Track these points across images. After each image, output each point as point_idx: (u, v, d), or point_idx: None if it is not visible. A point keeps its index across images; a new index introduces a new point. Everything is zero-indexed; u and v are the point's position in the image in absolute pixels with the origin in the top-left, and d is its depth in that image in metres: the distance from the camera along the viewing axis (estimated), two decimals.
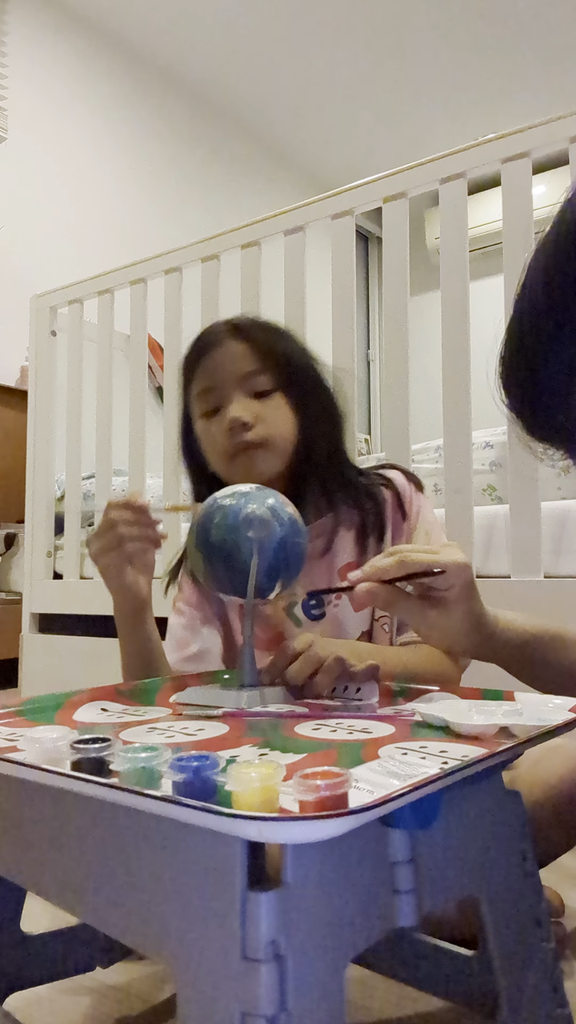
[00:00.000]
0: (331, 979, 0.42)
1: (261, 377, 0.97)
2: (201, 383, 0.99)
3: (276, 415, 0.97)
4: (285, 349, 1.01)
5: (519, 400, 0.48)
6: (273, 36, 3.61)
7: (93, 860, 0.49)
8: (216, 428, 0.97)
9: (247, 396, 0.97)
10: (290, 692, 0.74)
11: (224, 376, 0.97)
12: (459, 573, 0.69)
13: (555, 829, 0.83)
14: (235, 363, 0.97)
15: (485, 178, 1.65)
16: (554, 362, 0.45)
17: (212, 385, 0.98)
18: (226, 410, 0.96)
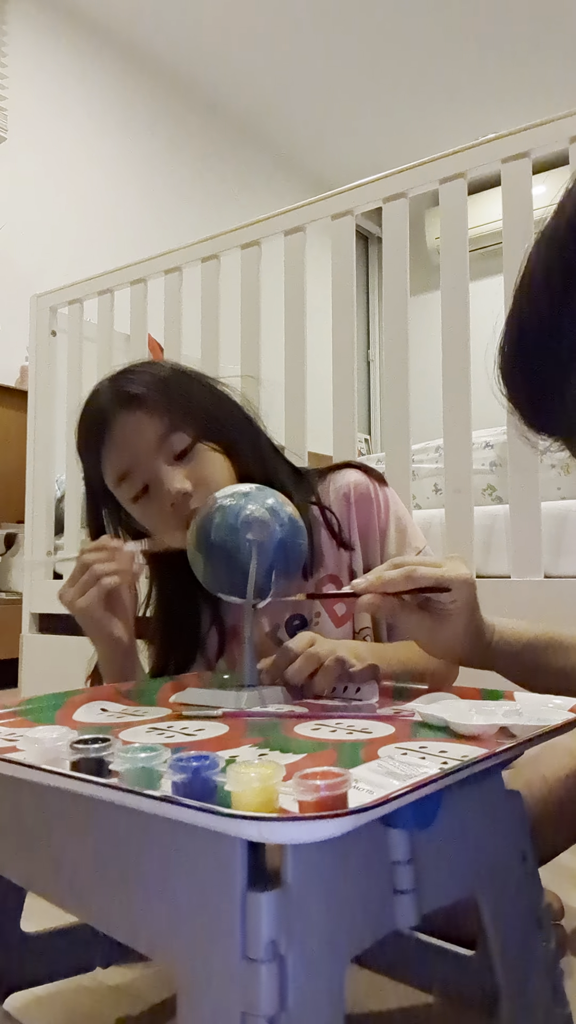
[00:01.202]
0: (331, 979, 0.42)
1: (174, 436, 0.90)
2: (116, 468, 0.91)
3: (208, 467, 0.91)
4: (182, 395, 0.93)
5: (517, 390, 0.48)
6: (273, 36, 3.61)
7: (93, 860, 0.49)
8: (155, 507, 0.90)
9: (170, 462, 0.90)
10: (290, 692, 0.74)
11: (138, 454, 0.89)
12: (464, 589, 0.69)
13: (556, 827, 0.83)
14: (143, 436, 0.89)
15: (485, 178, 1.65)
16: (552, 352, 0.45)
17: (128, 468, 0.90)
18: (159, 486, 0.89)
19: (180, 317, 1.98)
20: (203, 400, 0.95)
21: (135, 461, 0.90)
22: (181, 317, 1.98)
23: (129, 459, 0.91)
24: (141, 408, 0.91)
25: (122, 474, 0.91)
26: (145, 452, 0.90)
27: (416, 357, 1.56)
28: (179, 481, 0.89)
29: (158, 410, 0.90)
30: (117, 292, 2.13)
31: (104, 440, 0.92)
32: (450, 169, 1.51)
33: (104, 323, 2.14)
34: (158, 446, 0.90)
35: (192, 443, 0.91)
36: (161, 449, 0.90)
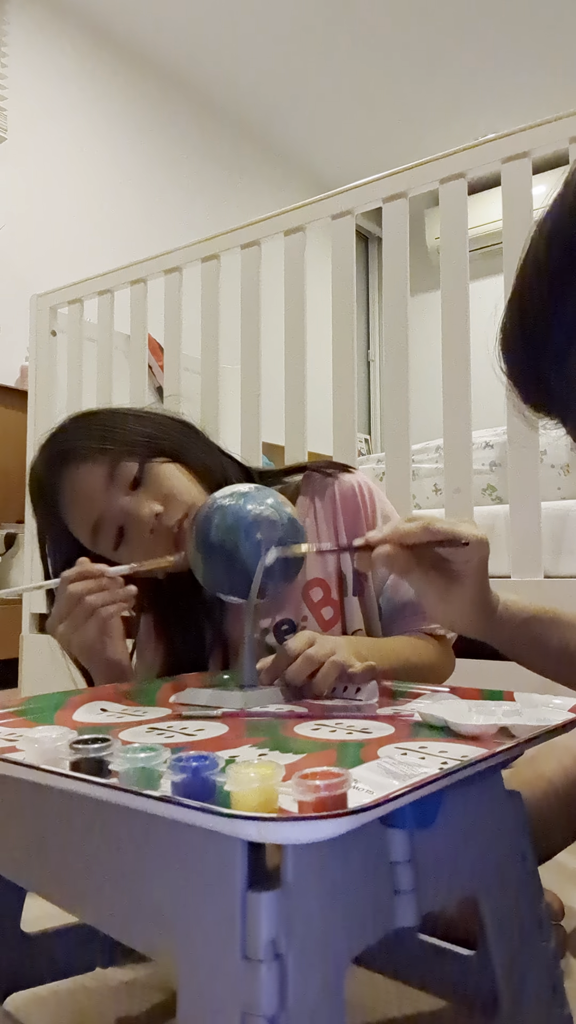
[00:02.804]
0: (331, 979, 0.42)
1: (120, 469, 0.90)
2: (83, 525, 0.91)
3: (166, 481, 0.91)
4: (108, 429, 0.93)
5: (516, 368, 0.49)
6: (273, 36, 3.61)
7: (93, 860, 0.49)
8: (136, 543, 0.90)
9: (128, 493, 0.90)
10: (290, 692, 0.74)
11: (95, 502, 0.89)
12: (479, 548, 0.68)
13: (555, 825, 0.83)
14: (91, 484, 0.89)
15: (485, 178, 1.65)
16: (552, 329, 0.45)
17: (96, 518, 0.90)
18: (131, 520, 0.89)
19: (180, 317, 1.98)
20: (131, 424, 0.95)
21: (96, 510, 0.90)
22: (181, 317, 1.98)
23: (90, 511, 0.90)
24: (77, 460, 0.91)
25: (92, 527, 0.91)
26: (102, 497, 0.89)
27: (416, 357, 1.56)
28: (146, 506, 0.89)
29: (92, 454, 0.90)
30: (117, 292, 2.13)
31: (59, 506, 0.93)
32: (450, 169, 1.51)
33: (104, 323, 2.14)
34: (109, 485, 0.90)
35: (139, 466, 0.91)
36: (113, 486, 0.90)
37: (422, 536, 0.67)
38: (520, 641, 0.76)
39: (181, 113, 3.96)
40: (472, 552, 0.68)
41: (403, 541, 0.67)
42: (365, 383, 5.14)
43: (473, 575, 0.70)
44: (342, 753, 0.52)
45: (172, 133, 3.92)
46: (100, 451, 0.90)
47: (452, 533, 0.67)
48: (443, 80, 3.90)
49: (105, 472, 0.90)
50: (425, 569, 0.70)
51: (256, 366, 1.79)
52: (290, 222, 1.75)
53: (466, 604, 0.71)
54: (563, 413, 0.49)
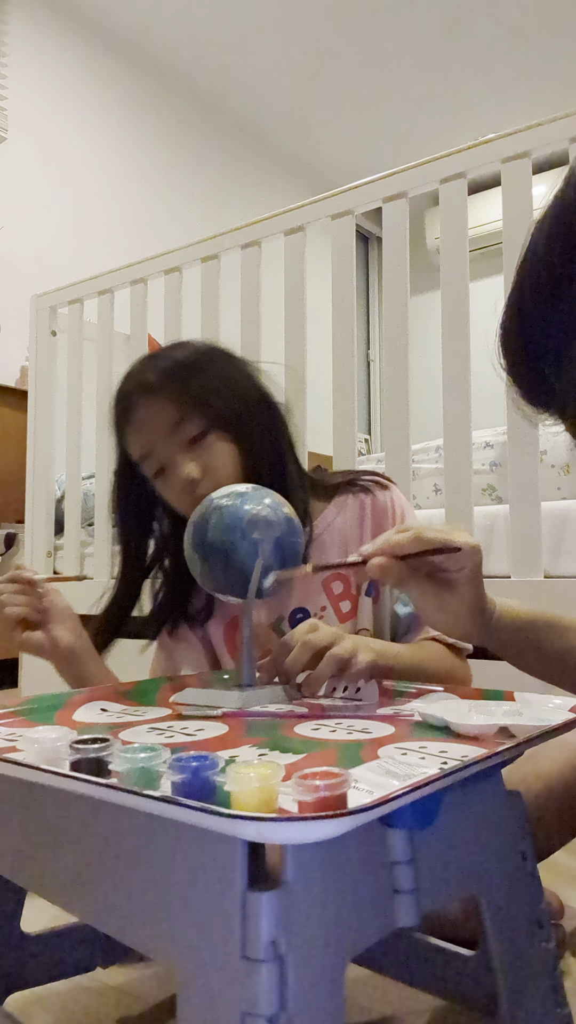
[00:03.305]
0: (331, 979, 0.42)
1: (187, 425, 0.93)
2: (136, 451, 0.97)
3: (216, 457, 0.93)
4: (201, 384, 0.95)
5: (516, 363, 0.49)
6: (273, 36, 3.61)
7: (93, 860, 0.49)
8: (168, 490, 0.95)
9: (184, 450, 0.93)
10: (289, 687, 0.73)
11: (154, 439, 0.94)
12: (472, 555, 0.68)
13: (555, 823, 0.83)
14: (157, 422, 0.93)
15: (485, 178, 1.65)
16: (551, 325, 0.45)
17: (147, 451, 0.95)
18: (172, 470, 0.94)
19: (180, 317, 1.98)
20: (223, 388, 0.96)
21: (152, 445, 0.95)
22: (181, 317, 1.98)
23: (147, 443, 0.95)
24: (158, 396, 0.94)
25: (141, 456, 0.96)
26: (160, 437, 0.94)
27: (416, 357, 1.56)
28: (187, 468, 0.92)
29: (173, 398, 0.94)
30: (117, 292, 2.13)
31: (127, 423, 0.97)
32: (450, 169, 1.51)
33: (104, 323, 2.14)
34: (172, 432, 0.93)
35: (204, 431, 0.94)
36: (175, 435, 0.93)
37: (414, 546, 0.67)
38: (517, 645, 0.76)
39: (181, 113, 3.96)
40: (465, 559, 0.68)
41: (395, 553, 0.67)
42: (365, 383, 5.14)
43: (468, 582, 0.70)
44: (342, 753, 0.52)
45: (172, 133, 3.92)
46: (179, 398, 0.94)
47: (444, 541, 0.67)
48: (443, 80, 3.90)
49: (173, 419, 0.93)
50: (420, 578, 0.71)
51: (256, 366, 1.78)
52: (290, 222, 1.75)
53: (462, 610, 0.71)
54: (562, 410, 0.49)
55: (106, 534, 2.09)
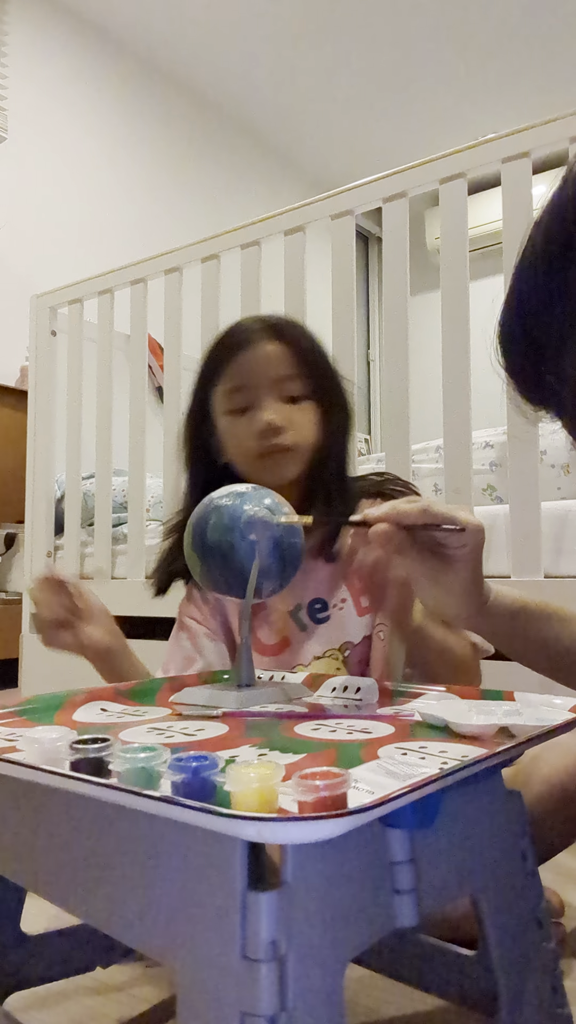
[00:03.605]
0: (331, 979, 0.42)
1: (295, 383, 0.97)
2: (231, 381, 0.98)
3: (304, 422, 0.97)
4: (318, 357, 1.01)
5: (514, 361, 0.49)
6: (274, 36, 3.61)
7: (93, 860, 0.49)
8: (243, 428, 0.96)
9: (279, 400, 0.96)
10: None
11: (258, 377, 0.96)
12: (475, 533, 0.68)
13: (556, 824, 0.83)
14: (271, 365, 0.96)
15: (485, 178, 1.65)
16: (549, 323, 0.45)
17: (244, 384, 0.97)
18: (258, 411, 0.95)
19: (180, 317, 1.98)
20: (330, 373, 1.03)
21: (252, 382, 0.96)
22: (181, 317, 1.98)
23: (248, 377, 0.97)
24: (284, 345, 0.97)
25: (235, 387, 0.97)
26: (264, 379, 0.96)
27: (416, 357, 1.56)
28: (276, 414, 0.95)
29: (295, 355, 0.97)
30: (117, 292, 2.13)
31: (237, 352, 0.98)
32: (450, 169, 1.51)
33: (104, 323, 2.15)
34: (278, 381, 0.96)
35: (304, 396, 0.97)
36: (277, 384, 0.96)
37: (420, 517, 0.67)
38: (511, 633, 0.75)
39: (181, 113, 3.96)
40: (468, 537, 0.68)
41: (400, 521, 0.67)
42: (365, 383, 5.14)
43: (467, 561, 0.70)
44: (342, 753, 0.52)
45: (172, 133, 3.92)
46: (301, 360, 0.98)
47: (449, 517, 0.67)
48: (443, 80, 3.90)
49: (287, 373, 0.97)
50: (420, 550, 0.70)
51: None
52: (290, 222, 1.75)
53: (459, 590, 0.71)
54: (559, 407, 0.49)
55: (106, 534, 2.09)
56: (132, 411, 2.07)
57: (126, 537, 2.06)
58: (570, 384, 0.46)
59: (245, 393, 0.96)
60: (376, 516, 0.68)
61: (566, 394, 0.47)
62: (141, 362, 2.10)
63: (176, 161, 3.93)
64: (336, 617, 0.98)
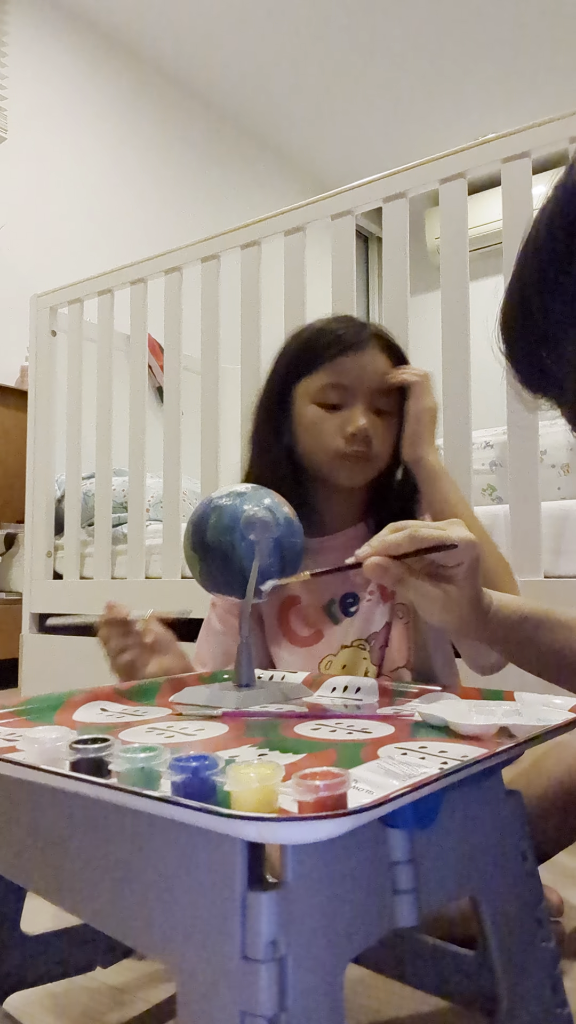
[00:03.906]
0: (331, 979, 0.42)
1: (387, 397, 0.99)
2: (332, 376, 0.98)
3: (386, 436, 0.99)
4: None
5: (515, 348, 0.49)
6: (273, 36, 3.61)
7: (93, 860, 0.49)
8: (332, 425, 0.97)
9: (371, 409, 0.98)
10: None
11: (361, 382, 0.98)
12: (468, 550, 0.68)
13: (558, 823, 0.83)
14: (375, 375, 0.99)
15: (485, 178, 1.65)
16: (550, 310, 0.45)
17: (345, 384, 0.98)
18: (352, 413, 0.97)
19: (180, 317, 1.98)
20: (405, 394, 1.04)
21: (353, 384, 0.98)
22: (181, 317, 1.98)
23: (351, 378, 0.98)
24: (388, 358, 1.00)
25: (334, 383, 0.98)
26: (365, 385, 0.98)
27: (416, 357, 1.56)
28: (368, 421, 0.97)
29: (392, 359, 1.01)
30: (117, 292, 2.13)
31: (347, 349, 0.99)
32: (450, 169, 1.51)
33: (104, 323, 2.15)
34: (376, 392, 0.99)
35: (390, 412, 1.00)
36: (375, 395, 0.99)
37: (409, 545, 0.67)
38: (513, 641, 0.75)
39: (181, 113, 3.96)
40: (462, 554, 0.68)
41: (390, 553, 0.67)
42: None
43: (465, 577, 0.69)
44: (342, 753, 0.52)
45: (172, 133, 3.92)
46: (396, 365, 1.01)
47: (439, 538, 0.67)
48: (443, 80, 3.90)
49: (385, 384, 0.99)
50: (418, 577, 0.70)
51: (256, 366, 1.79)
52: (290, 222, 1.75)
53: (461, 606, 0.71)
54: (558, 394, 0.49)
55: (106, 534, 2.09)
56: (132, 411, 2.07)
57: (126, 537, 2.06)
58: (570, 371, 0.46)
59: (342, 392, 0.98)
60: (367, 553, 0.68)
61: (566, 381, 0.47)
62: (141, 362, 2.10)
63: (176, 161, 3.93)
64: (364, 608, 0.99)
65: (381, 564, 0.67)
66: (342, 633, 0.99)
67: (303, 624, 1.01)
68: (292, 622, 1.02)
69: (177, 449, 1.94)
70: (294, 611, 1.02)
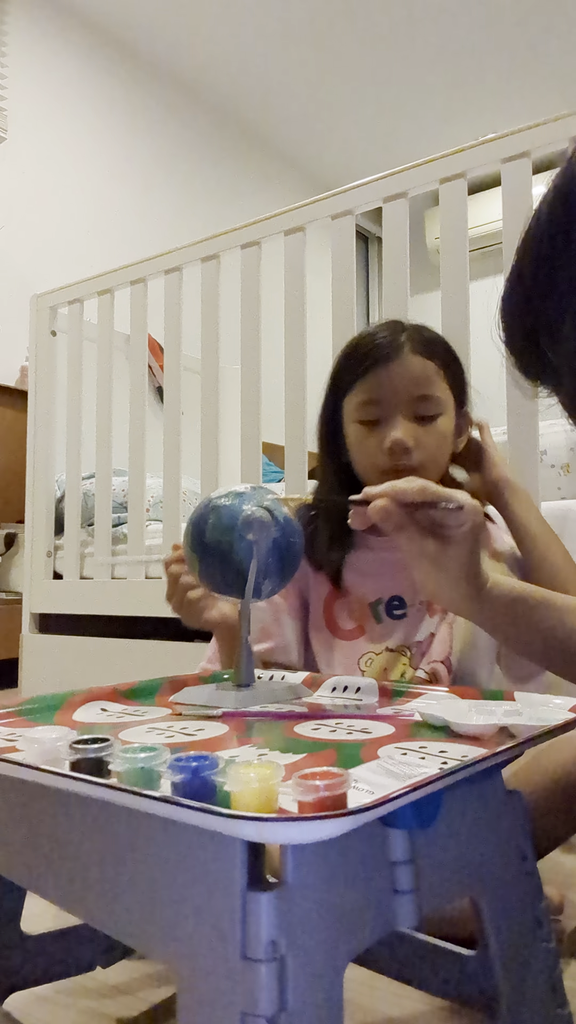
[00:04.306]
0: (331, 979, 0.42)
1: (428, 402, 0.97)
2: (366, 394, 0.97)
3: (433, 441, 0.97)
4: (455, 373, 1.01)
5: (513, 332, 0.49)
6: (273, 36, 3.61)
7: (93, 860, 0.49)
8: (373, 441, 0.97)
9: (410, 418, 0.96)
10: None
11: (394, 395, 0.96)
12: (473, 512, 0.69)
13: (557, 818, 0.83)
14: (409, 385, 0.96)
15: (485, 178, 1.65)
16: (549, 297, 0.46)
17: (378, 399, 0.97)
18: (388, 428, 0.96)
19: (180, 317, 1.98)
20: (463, 389, 1.03)
21: (386, 398, 0.96)
22: (181, 317, 1.98)
23: (383, 393, 0.96)
24: (424, 363, 0.97)
25: (368, 400, 0.97)
26: (399, 398, 0.96)
27: None
28: (405, 432, 0.95)
29: (434, 375, 0.97)
30: (117, 292, 2.13)
31: (376, 365, 0.97)
32: (450, 169, 1.51)
33: (104, 323, 2.15)
34: (413, 399, 0.96)
35: (437, 416, 0.97)
36: (413, 403, 0.96)
37: (418, 495, 0.68)
38: (508, 619, 0.75)
39: (181, 113, 3.96)
40: (466, 516, 0.69)
41: (399, 498, 0.68)
42: None
43: (465, 541, 0.70)
44: (342, 753, 0.52)
45: (172, 133, 3.92)
46: (439, 379, 0.98)
47: (447, 496, 0.69)
48: (443, 80, 3.90)
49: (422, 393, 0.96)
50: (418, 528, 0.70)
51: (256, 366, 1.79)
52: (290, 222, 1.75)
53: (457, 571, 0.70)
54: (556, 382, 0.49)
55: (106, 534, 2.09)
56: (132, 411, 2.07)
57: (126, 537, 2.06)
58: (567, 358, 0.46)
59: (377, 407, 0.97)
60: (376, 493, 0.69)
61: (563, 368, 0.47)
62: (141, 362, 2.10)
63: (176, 161, 3.93)
64: (412, 616, 0.99)
65: (387, 508, 0.68)
66: (384, 633, 0.99)
67: (347, 617, 1.01)
68: (336, 613, 1.02)
69: (177, 449, 1.94)
70: (340, 603, 1.03)
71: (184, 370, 2.00)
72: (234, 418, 1.83)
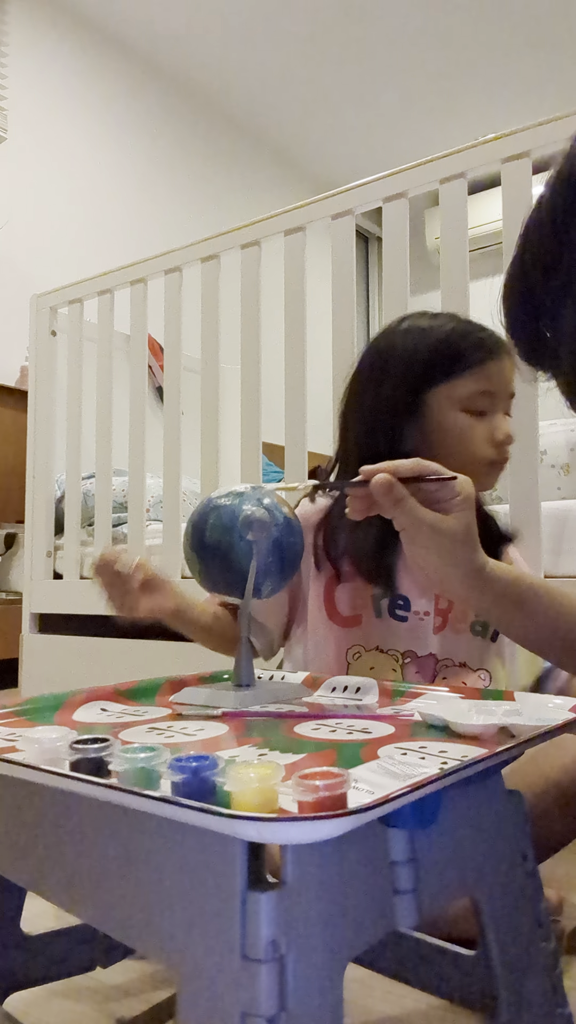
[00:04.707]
0: (331, 979, 0.42)
1: (512, 402, 1.03)
2: (484, 384, 0.99)
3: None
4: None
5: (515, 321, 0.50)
6: (273, 36, 3.61)
7: (93, 860, 0.49)
8: (483, 432, 0.99)
9: (507, 412, 1.02)
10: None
11: (504, 389, 1.01)
12: (465, 483, 0.72)
13: (557, 820, 0.83)
14: (512, 382, 1.02)
15: (485, 178, 1.65)
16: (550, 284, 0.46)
17: (494, 391, 0.99)
18: (498, 420, 1.00)
19: (180, 317, 1.98)
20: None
21: (500, 391, 1.01)
22: (181, 317, 1.98)
23: (499, 386, 1.00)
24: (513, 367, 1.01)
25: (485, 391, 0.99)
26: (507, 393, 1.02)
27: None
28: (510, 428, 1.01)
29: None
30: (117, 292, 2.13)
31: (496, 358, 1.00)
32: (450, 169, 1.51)
33: (104, 323, 2.14)
34: (510, 395, 1.03)
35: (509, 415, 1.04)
36: (509, 399, 1.03)
37: (411, 469, 0.71)
38: (505, 604, 0.75)
39: (181, 113, 3.96)
40: (460, 487, 0.71)
41: (396, 472, 0.70)
42: None
43: (460, 510, 0.71)
44: (342, 753, 0.52)
45: (172, 133, 3.92)
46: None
47: (439, 468, 0.72)
48: (443, 80, 3.90)
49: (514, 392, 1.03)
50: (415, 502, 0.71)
51: (256, 366, 1.78)
52: (290, 222, 1.75)
53: (450, 544, 0.71)
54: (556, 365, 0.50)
55: (106, 534, 2.09)
56: (132, 411, 2.07)
57: (126, 537, 2.06)
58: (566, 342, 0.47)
59: (490, 399, 0.99)
60: (373, 469, 0.71)
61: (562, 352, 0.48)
62: (141, 362, 2.09)
63: (176, 161, 3.93)
64: (413, 623, 0.98)
65: (387, 480, 0.70)
66: (380, 631, 0.98)
67: (348, 603, 1.00)
68: (337, 596, 1.01)
69: (177, 449, 1.94)
70: (343, 586, 1.00)
71: (184, 370, 2.00)
72: (234, 418, 1.83)
